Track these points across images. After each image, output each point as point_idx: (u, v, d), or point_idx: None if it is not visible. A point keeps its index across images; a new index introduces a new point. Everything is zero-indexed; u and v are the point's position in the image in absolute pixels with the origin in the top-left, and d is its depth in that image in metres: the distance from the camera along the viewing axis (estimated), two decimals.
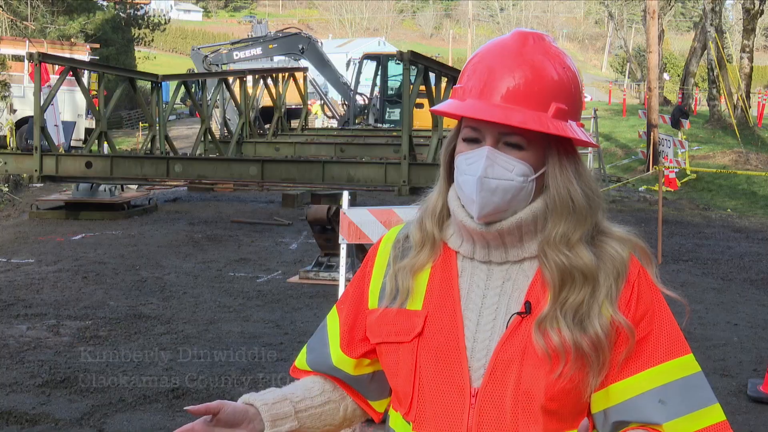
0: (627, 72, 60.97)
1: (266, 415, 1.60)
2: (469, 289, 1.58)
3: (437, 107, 1.61)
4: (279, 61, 27.12)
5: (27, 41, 23.72)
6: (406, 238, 1.67)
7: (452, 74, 13.26)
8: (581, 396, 1.50)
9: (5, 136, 20.33)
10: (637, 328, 1.51)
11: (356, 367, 1.70)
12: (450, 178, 1.62)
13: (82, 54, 25.61)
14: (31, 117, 15.80)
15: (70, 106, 23.89)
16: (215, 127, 21.74)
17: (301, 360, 1.77)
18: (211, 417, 1.53)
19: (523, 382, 1.49)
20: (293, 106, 24.71)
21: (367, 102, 26.39)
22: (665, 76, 46.02)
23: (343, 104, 27.50)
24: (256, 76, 19.35)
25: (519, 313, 1.52)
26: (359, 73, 26.39)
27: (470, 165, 1.52)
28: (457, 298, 1.57)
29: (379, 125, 24.67)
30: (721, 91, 26.88)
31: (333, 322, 1.74)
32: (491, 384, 1.51)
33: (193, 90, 17.78)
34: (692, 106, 33.68)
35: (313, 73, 25.07)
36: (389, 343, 1.61)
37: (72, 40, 30.57)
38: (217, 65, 23.75)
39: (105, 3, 38.78)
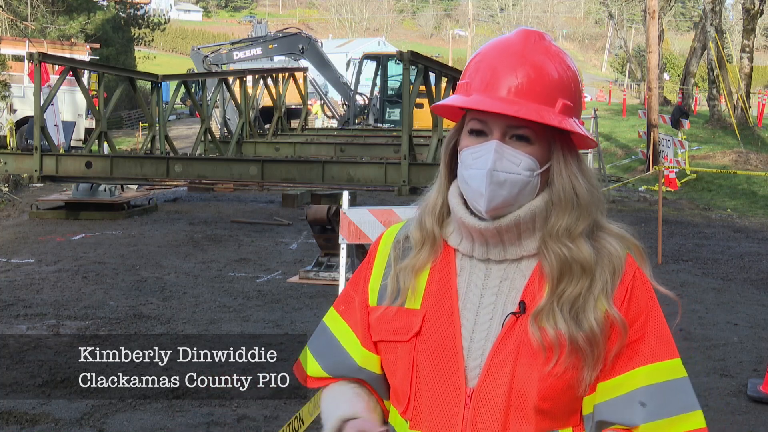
0: (627, 72, 60.98)
1: None
2: (467, 289, 1.57)
3: (441, 102, 1.60)
4: (279, 61, 27.10)
5: (27, 41, 23.71)
6: (406, 238, 1.66)
7: (452, 74, 13.26)
8: (574, 394, 1.51)
9: (5, 136, 20.33)
10: (630, 330, 1.50)
11: (380, 365, 1.68)
12: (450, 176, 1.62)
13: (82, 54, 25.59)
14: (31, 117, 15.79)
15: (70, 106, 23.88)
16: (215, 127, 21.74)
17: (313, 369, 1.71)
18: None
19: (517, 382, 1.49)
20: (293, 106, 24.70)
21: (367, 102, 26.37)
22: (665, 76, 46.01)
23: (343, 104, 27.47)
24: (256, 76, 19.33)
25: (514, 313, 1.52)
26: (359, 73, 26.35)
27: (477, 159, 1.52)
28: (455, 297, 1.57)
29: (379, 125, 24.63)
30: (721, 91, 26.88)
31: (337, 324, 1.72)
32: (486, 384, 1.51)
33: (193, 90, 17.78)
34: (692, 106, 33.66)
35: (313, 73, 25.05)
36: (388, 342, 1.61)
37: (72, 40, 30.55)
38: (217, 65, 23.73)
39: (105, 3, 38.77)
